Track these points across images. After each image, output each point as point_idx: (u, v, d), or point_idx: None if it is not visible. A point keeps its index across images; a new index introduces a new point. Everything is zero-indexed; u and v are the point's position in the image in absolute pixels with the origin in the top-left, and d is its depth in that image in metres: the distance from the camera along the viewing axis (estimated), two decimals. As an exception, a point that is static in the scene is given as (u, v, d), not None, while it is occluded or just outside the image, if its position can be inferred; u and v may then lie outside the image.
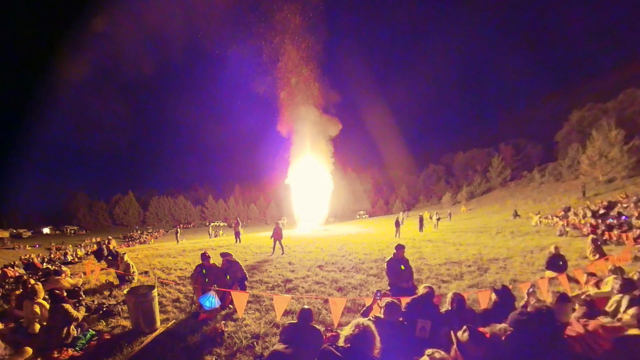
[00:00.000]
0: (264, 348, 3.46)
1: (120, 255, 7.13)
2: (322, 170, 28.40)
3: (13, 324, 4.47)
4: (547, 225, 14.76)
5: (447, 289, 5.42)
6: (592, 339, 2.24)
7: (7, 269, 9.93)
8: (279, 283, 6.17)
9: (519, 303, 3.48)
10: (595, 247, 7.20)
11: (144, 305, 4.00)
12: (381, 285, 5.58)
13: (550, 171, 42.07)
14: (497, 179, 51.81)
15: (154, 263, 8.58)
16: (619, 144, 27.84)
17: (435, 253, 9.05)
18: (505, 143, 60.56)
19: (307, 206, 28.06)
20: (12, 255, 27.97)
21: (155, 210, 69.42)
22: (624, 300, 2.93)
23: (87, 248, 28.80)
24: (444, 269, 7.04)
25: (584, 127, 41.44)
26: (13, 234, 45.99)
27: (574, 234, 11.66)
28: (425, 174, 71.61)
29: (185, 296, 5.47)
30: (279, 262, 8.21)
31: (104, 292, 5.91)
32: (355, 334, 1.68)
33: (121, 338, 3.83)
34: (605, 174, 28.12)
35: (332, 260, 8.08)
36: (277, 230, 10.09)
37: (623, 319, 2.69)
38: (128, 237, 44.08)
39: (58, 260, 18.28)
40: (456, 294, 3.07)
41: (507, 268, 7.03)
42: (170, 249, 12.23)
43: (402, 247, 4.92)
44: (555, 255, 5.98)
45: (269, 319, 4.22)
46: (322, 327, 3.76)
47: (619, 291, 3.17)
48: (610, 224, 10.77)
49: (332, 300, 3.79)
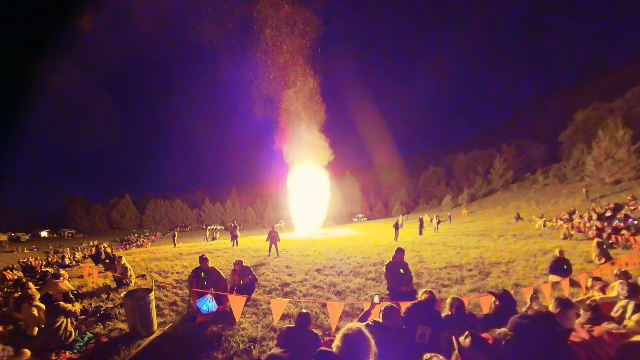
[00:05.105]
0: (261, 352, 3.43)
1: (118, 258, 7.11)
2: (319, 173, 28.36)
3: (12, 327, 4.47)
4: (551, 228, 14.61)
5: (447, 293, 5.35)
6: (597, 346, 2.18)
7: (5, 272, 9.94)
8: (277, 287, 6.12)
9: (521, 308, 3.42)
10: (601, 250, 7.10)
11: (141, 308, 4.01)
12: (380, 289, 5.52)
13: (554, 173, 41.67)
14: (499, 180, 51.37)
15: (151, 266, 8.55)
16: (626, 144, 27.35)
17: (436, 257, 8.96)
18: (508, 144, 59.97)
19: (304, 209, 27.96)
20: (10, 258, 28.16)
21: (152, 214, 69.74)
22: (630, 306, 2.87)
23: (85, 251, 28.86)
24: (445, 273, 6.96)
25: (589, 127, 40.55)
26: (11, 237, 46.39)
27: (578, 237, 11.53)
28: (425, 176, 71.40)
29: (182, 299, 5.43)
30: (276, 265, 8.16)
31: (101, 295, 5.88)
32: (346, 339, 1.64)
33: (118, 341, 3.81)
34: (612, 176, 27.65)
35: (330, 264, 8.02)
36: (272, 234, 10.18)
37: (629, 325, 2.62)
38: (125, 240, 44.24)
39: (56, 263, 18.31)
40: (455, 299, 3.01)
41: (509, 272, 6.93)
42: (167, 252, 12.21)
43: (402, 250, 4.87)
44: (559, 259, 5.88)
45: (266, 322, 4.19)
46: (320, 332, 3.71)
47: (625, 296, 3.09)
48: (617, 227, 10.64)
49: (330, 305, 3.75)
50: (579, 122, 44.94)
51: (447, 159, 74.37)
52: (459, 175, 65.40)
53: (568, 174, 38.60)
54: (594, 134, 31.18)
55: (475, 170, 59.97)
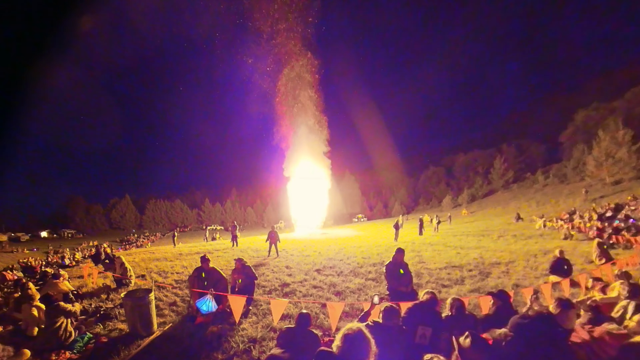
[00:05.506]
0: (260, 352, 3.42)
1: (117, 258, 7.10)
2: (319, 173, 28.33)
3: (12, 327, 4.47)
4: (552, 228, 14.60)
5: (447, 293, 5.34)
6: (598, 346, 2.18)
7: (5, 272, 9.94)
8: (276, 287, 6.11)
9: (522, 309, 3.41)
10: (601, 251, 7.09)
11: (141, 308, 4.01)
12: (380, 290, 5.51)
13: (554, 173, 41.66)
14: (499, 181, 51.35)
15: (151, 266, 8.54)
16: (626, 144, 27.31)
17: (436, 257, 8.95)
18: (508, 144, 59.81)
19: (304, 209, 27.94)
20: (10, 258, 28.16)
21: (152, 214, 69.78)
22: (631, 307, 2.86)
23: (85, 251, 28.85)
24: (445, 273, 6.95)
25: (589, 127, 40.55)
26: (11, 238, 46.44)
27: (579, 237, 11.51)
28: (425, 176, 71.35)
29: (182, 300, 5.43)
30: (276, 265, 8.15)
31: (101, 296, 5.87)
32: (347, 339, 1.64)
33: (118, 341, 3.81)
34: (612, 176, 27.64)
35: (330, 264, 8.01)
36: (272, 234, 10.21)
37: (629, 325, 2.62)
38: (125, 241, 44.20)
39: (56, 263, 18.29)
40: (455, 299, 3.01)
41: (509, 272, 6.92)
42: (167, 252, 12.20)
43: (402, 251, 4.86)
44: (559, 259, 5.87)
45: (266, 323, 4.18)
46: (320, 332, 3.70)
47: (626, 297, 3.09)
48: (618, 227, 10.63)
49: (330, 305, 3.75)
50: (579, 122, 44.84)
51: (447, 159, 74.35)
52: (459, 175, 65.35)
53: (568, 174, 38.58)
54: (595, 134, 31.13)
55: (475, 170, 59.96)
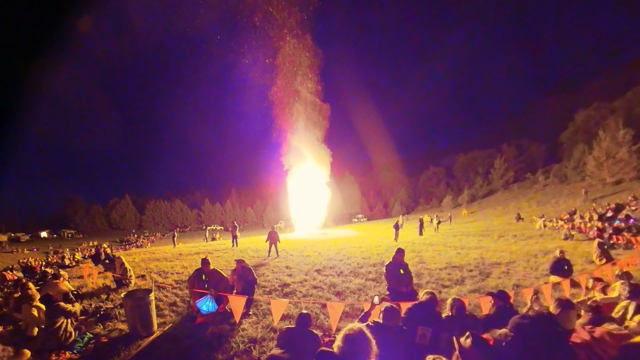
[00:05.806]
0: (261, 352, 3.42)
1: (117, 258, 7.10)
2: (319, 173, 28.33)
3: (12, 327, 4.47)
4: (552, 228, 14.58)
5: (448, 293, 5.34)
6: (598, 346, 2.17)
7: (5, 272, 9.93)
8: (277, 287, 6.11)
9: (522, 309, 3.40)
10: (602, 251, 7.09)
11: (141, 308, 4.01)
12: (380, 290, 5.50)
13: (554, 173, 41.57)
14: (499, 181, 51.28)
15: (151, 267, 8.55)
16: (627, 144, 27.23)
17: (436, 257, 8.95)
18: (508, 144, 59.74)
19: (304, 210, 27.94)
20: (10, 258, 28.14)
21: (151, 214, 69.81)
22: (632, 307, 2.86)
23: (85, 252, 28.84)
24: (445, 273, 6.95)
25: (590, 127, 40.38)
26: (11, 238, 46.45)
27: (579, 237, 11.50)
28: (425, 176, 71.33)
29: (182, 300, 5.43)
30: (276, 266, 8.15)
31: (101, 296, 5.88)
32: (348, 339, 1.64)
33: (118, 341, 3.81)
34: (613, 176, 27.58)
35: (330, 265, 8.01)
36: (272, 234, 10.22)
37: (630, 326, 2.61)
38: (125, 241, 44.16)
39: (56, 263, 18.27)
40: (456, 300, 3.00)
41: (509, 273, 6.92)
42: (167, 252, 12.22)
43: (402, 251, 4.86)
44: (560, 259, 5.87)
45: (266, 323, 4.18)
46: (320, 332, 3.70)
47: (627, 297, 3.08)
48: (618, 227, 10.62)
49: (330, 305, 3.74)
50: (580, 122, 44.74)
51: (447, 159, 74.34)
52: (459, 175, 65.34)
53: (569, 174, 38.49)
54: (595, 134, 31.07)
55: (475, 170, 59.87)
